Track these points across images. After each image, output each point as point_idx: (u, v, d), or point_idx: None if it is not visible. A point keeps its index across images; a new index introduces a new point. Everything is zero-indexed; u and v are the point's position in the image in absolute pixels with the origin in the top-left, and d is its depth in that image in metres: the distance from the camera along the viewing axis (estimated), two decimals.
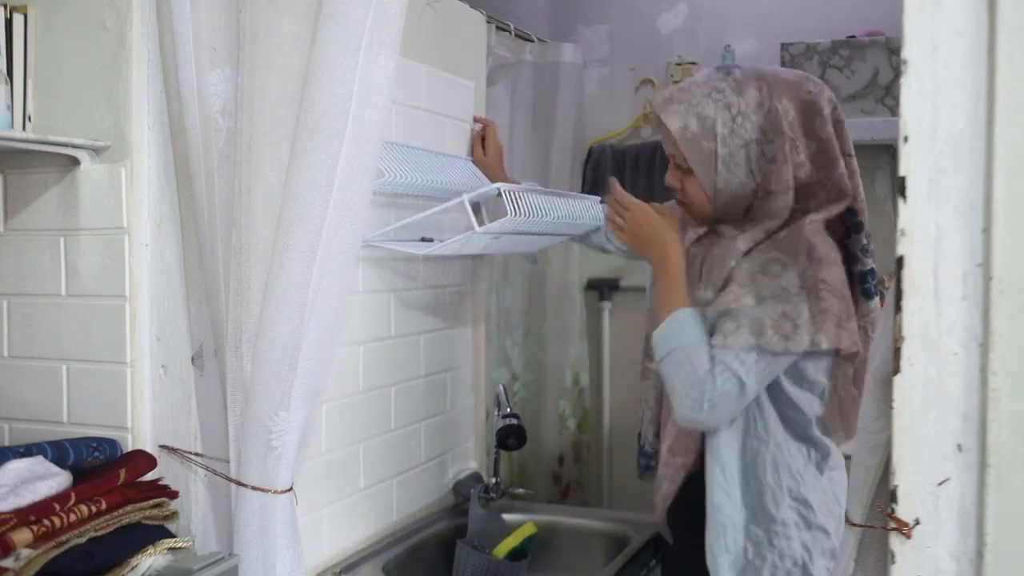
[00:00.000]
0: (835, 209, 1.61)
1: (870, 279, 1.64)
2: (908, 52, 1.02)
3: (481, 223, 1.80)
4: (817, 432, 1.65)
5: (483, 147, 2.18)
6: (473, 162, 2.18)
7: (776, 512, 1.61)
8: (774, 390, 1.61)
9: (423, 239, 1.94)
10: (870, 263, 1.65)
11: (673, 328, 1.59)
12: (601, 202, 2.01)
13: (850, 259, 1.64)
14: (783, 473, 1.62)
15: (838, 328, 1.53)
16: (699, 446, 1.67)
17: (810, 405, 1.63)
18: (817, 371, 1.61)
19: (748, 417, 1.62)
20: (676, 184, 1.67)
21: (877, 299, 1.65)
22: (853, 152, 1.64)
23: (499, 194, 1.75)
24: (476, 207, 2.10)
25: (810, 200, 1.61)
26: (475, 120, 2.22)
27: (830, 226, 1.63)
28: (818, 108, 1.59)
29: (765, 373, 1.56)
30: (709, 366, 1.55)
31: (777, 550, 1.62)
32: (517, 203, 1.74)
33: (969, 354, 1.01)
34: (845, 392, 1.72)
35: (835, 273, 1.56)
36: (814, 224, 1.59)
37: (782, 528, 1.61)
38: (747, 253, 1.59)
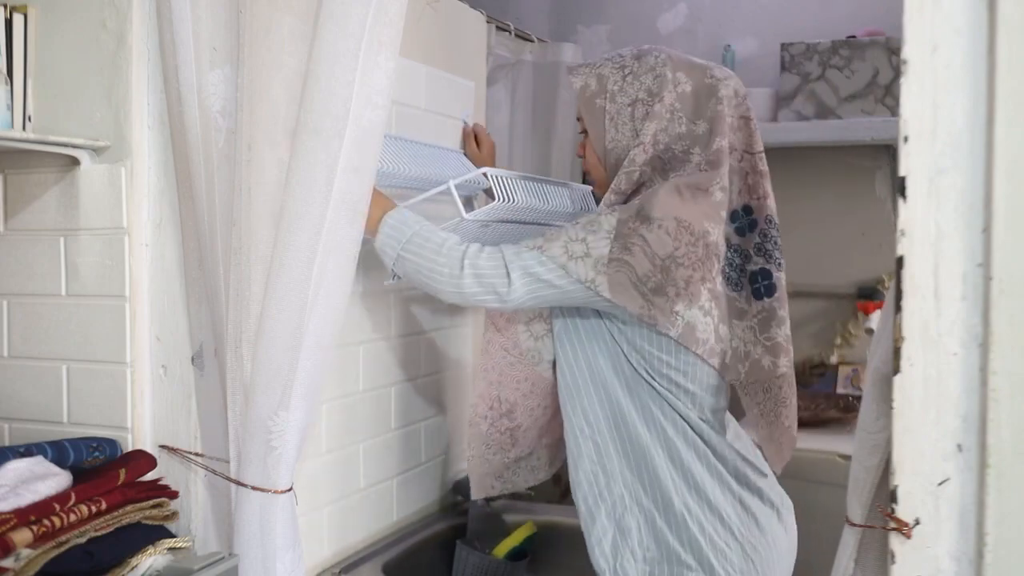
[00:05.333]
0: (698, 180, 1.54)
1: (760, 279, 1.60)
2: (908, 52, 1.02)
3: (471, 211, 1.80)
4: (690, 421, 1.57)
5: (476, 145, 2.17)
6: (466, 154, 2.17)
7: (651, 464, 1.55)
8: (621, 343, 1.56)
9: None
10: (761, 263, 1.60)
11: (390, 228, 1.56)
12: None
13: (743, 258, 1.61)
14: (654, 431, 1.55)
15: (632, 288, 1.46)
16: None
17: (663, 386, 1.56)
18: (648, 341, 1.53)
19: (611, 370, 1.57)
20: (580, 152, 1.70)
21: (767, 300, 1.60)
22: (761, 151, 1.62)
23: (488, 180, 1.73)
24: (467, 200, 2.10)
25: (676, 173, 1.57)
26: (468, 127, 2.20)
27: (715, 215, 1.54)
28: (715, 92, 1.58)
29: (535, 287, 1.49)
30: (448, 234, 1.54)
31: (653, 499, 1.55)
32: (505, 188, 1.73)
33: (969, 354, 1.01)
34: (758, 414, 1.66)
35: (664, 242, 1.47)
36: (665, 188, 1.52)
37: (658, 482, 1.54)
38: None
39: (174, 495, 1.47)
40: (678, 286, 1.48)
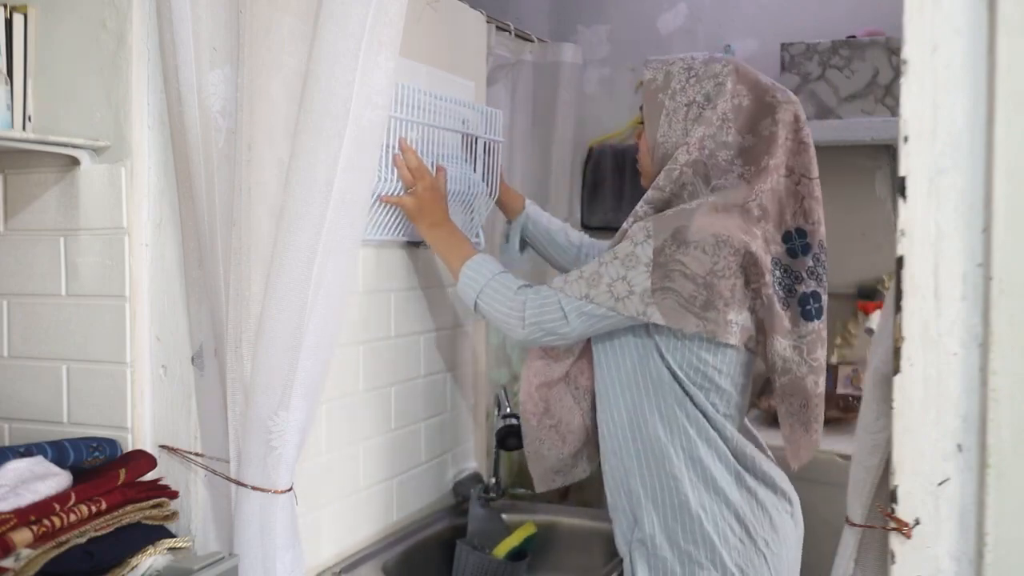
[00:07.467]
0: (732, 197, 1.58)
1: (812, 301, 1.62)
2: (908, 52, 1.02)
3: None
4: (716, 424, 1.61)
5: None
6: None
7: (668, 466, 1.60)
8: (665, 351, 1.60)
9: None
10: (813, 286, 1.63)
11: (472, 273, 1.71)
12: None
13: (793, 278, 1.63)
14: (675, 432, 1.60)
15: (683, 310, 1.52)
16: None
17: (697, 384, 1.60)
18: (698, 354, 1.58)
19: (637, 373, 1.62)
20: (636, 140, 1.76)
21: (817, 323, 1.62)
22: (817, 177, 1.65)
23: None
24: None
25: (716, 185, 1.61)
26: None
27: (751, 230, 1.57)
28: (772, 112, 1.62)
29: (592, 323, 1.59)
30: (520, 283, 1.67)
31: (669, 499, 1.61)
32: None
33: (969, 354, 1.01)
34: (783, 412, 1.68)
35: (702, 261, 1.52)
36: (700, 210, 1.55)
37: (674, 482, 1.60)
38: (639, 219, 1.62)
39: (174, 495, 1.47)
40: (725, 297, 1.54)
